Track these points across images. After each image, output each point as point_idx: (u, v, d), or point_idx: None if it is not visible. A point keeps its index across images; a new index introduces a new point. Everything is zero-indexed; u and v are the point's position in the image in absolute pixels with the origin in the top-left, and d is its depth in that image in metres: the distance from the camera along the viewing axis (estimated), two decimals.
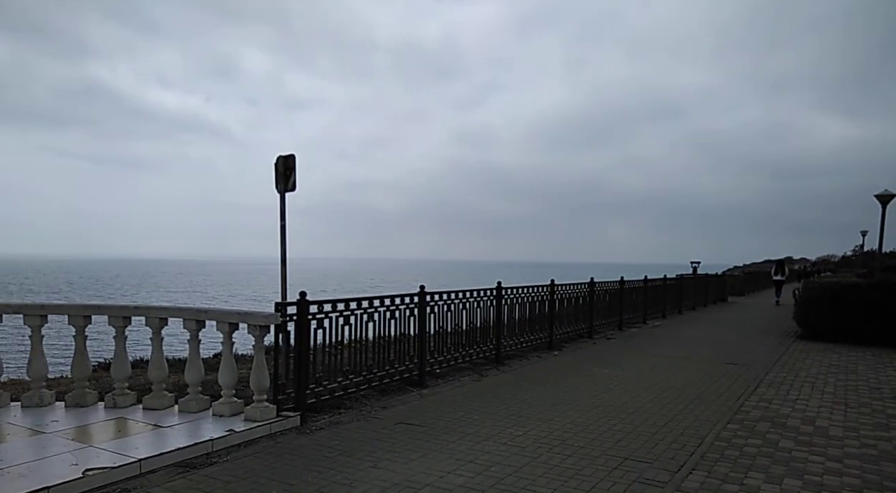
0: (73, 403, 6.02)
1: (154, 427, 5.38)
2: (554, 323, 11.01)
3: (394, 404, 6.66)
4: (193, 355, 5.95)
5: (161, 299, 47.77)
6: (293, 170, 7.09)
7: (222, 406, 5.72)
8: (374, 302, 6.89)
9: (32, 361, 6.05)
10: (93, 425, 5.46)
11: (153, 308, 6.13)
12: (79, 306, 6.24)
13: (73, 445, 4.85)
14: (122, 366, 6.10)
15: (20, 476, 4.13)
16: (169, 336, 6.19)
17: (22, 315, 6.08)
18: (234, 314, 5.79)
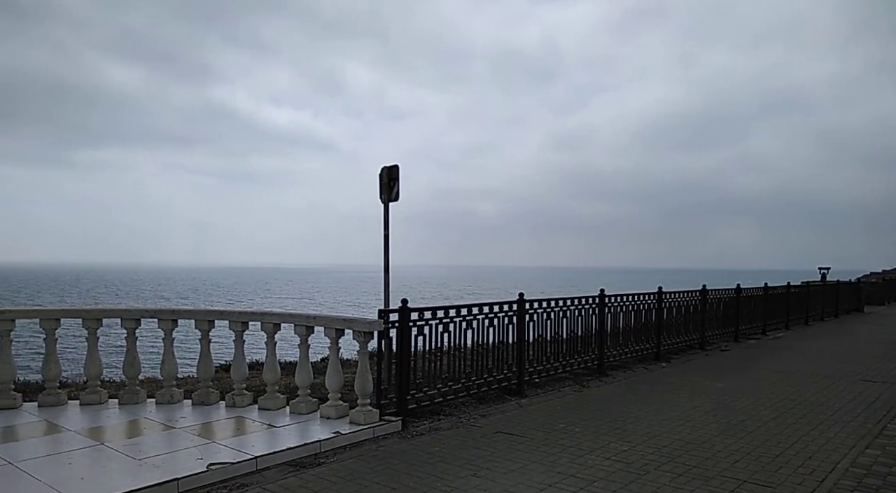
0: (199, 401, 6.54)
1: (268, 427, 5.72)
2: (661, 333, 10.48)
3: (492, 412, 6.63)
4: (303, 360, 6.27)
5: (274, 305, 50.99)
6: (397, 180, 7.29)
7: (329, 409, 5.98)
8: (472, 309, 6.91)
9: (165, 362, 6.66)
10: (215, 422, 5.90)
11: (267, 314, 6.54)
12: (204, 311, 6.80)
13: (198, 440, 5.27)
14: (241, 368, 6.55)
15: (155, 467, 4.54)
16: (281, 341, 6.57)
17: (156, 320, 6.71)
18: (340, 321, 6.04)
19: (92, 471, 4.49)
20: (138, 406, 6.46)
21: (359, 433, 5.54)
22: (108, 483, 4.21)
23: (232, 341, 6.60)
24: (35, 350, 11.62)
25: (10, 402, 6.28)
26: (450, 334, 6.62)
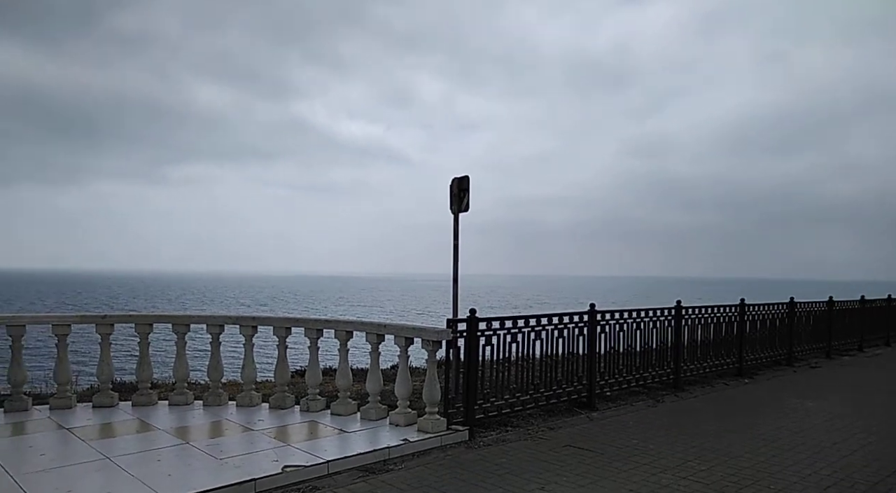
0: (275, 405, 6.82)
1: (340, 432, 5.87)
2: (744, 347, 9.92)
3: (561, 425, 6.50)
4: (374, 367, 6.41)
5: (346, 313, 52.39)
6: (467, 191, 7.35)
7: (398, 416, 6.07)
8: (541, 320, 6.83)
9: (245, 366, 6.99)
10: (290, 426, 6.13)
11: (341, 322, 6.74)
12: (281, 318, 7.10)
13: (274, 442, 5.49)
14: (315, 374, 6.77)
15: (235, 467, 4.76)
16: (352, 348, 6.74)
17: (238, 326, 7.06)
18: (409, 329, 6.13)
19: (178, 468, 4.77)
20: (220, 408, 6.81)
21: (426, 442, 5.59)
22: (192, 481, 4.46)
23: (307, 348, 6.84)
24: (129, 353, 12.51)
25: (108, 400, 6.78)
26: (518, 345, 6.56)
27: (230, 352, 7.26)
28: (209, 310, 55.00)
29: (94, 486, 4.36)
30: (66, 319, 6.84)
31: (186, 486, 4.33)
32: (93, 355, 12.96)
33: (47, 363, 11.37)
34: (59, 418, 6.25)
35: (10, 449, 5.14)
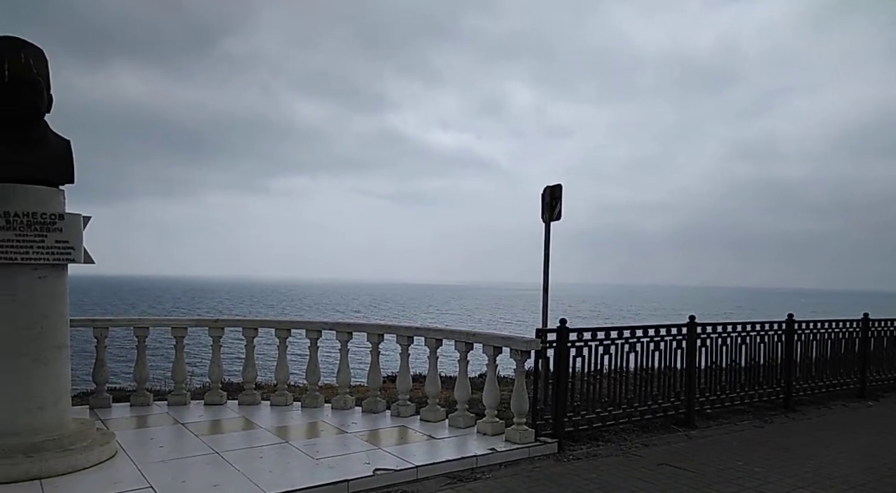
0: (368, 409, 7.03)
1: (428, 438, 5.96)
2: (868, 366, 9.02)
3: (656, 442, 6.21)
4: (462, 375, 6.45)
5: (435, 321, 53.09)
6: (559, 199, 7.26)
7: (486, 425, 6.06)
8: (636, 332, 6.58)
9: (340, 371, 7.28)
10: (381, 430, 6.29)
11: (431, 330, 6.85)
12: (374, 325, 7.33)
13: (366, 445, 5.66)
14: (405, 380, 6.93)
15: (329, 468, 4.96)
16: (441, 356, 6.83)
17: (334, 332, 7.36)
18: (498, 338, 6.12)
19: (278, 466, 5.03)
20: (317, 410, 7.12)
21: (514, 452, 5.54)
22: (290, 479, 4.69)
23: (398, 354, 7.02)
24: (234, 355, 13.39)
25: (217, 399, 7.30)
26: (611, 357, 6.36)
27: (325, 356, 7.58)
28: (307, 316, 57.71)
29: (204, 478, 4.69)
30: (183, 322, 7.45)
31: (285, 483, 4.56)
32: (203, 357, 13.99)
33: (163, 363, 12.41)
34: (176, 413, 6.80)
35: (134, 441, 5.65)
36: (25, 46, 4.71)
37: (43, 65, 4.84)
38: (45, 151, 4.90)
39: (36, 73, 4.72)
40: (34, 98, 4.72)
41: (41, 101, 4.80)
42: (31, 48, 4.75)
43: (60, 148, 5.02)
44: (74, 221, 5.01)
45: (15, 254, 4.70)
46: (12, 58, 4.60)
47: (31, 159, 4.80)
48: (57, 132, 5.06)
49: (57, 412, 4.95)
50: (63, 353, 5.05)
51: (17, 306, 4.75)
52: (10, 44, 4.65)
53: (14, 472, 4.47)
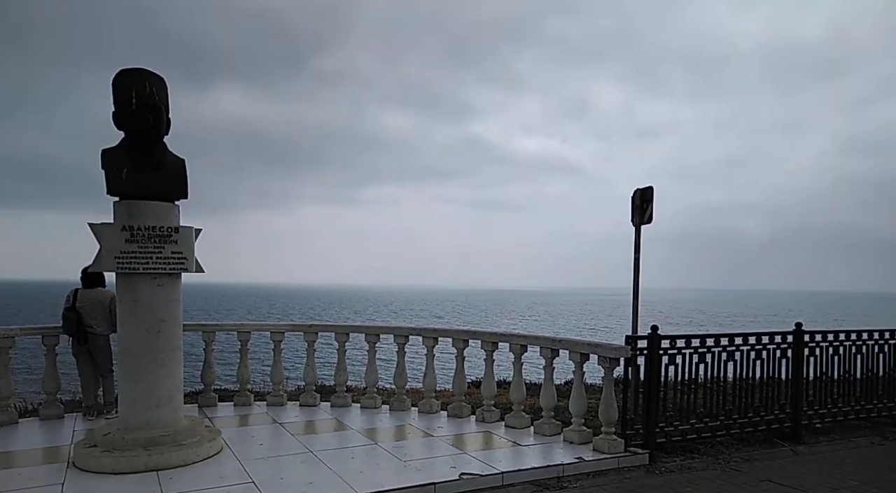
0: (453, 413, 7.11)
1: (513, 445, 5.93)
2: None
3: (758, 457, 5.83)
4: (548, 382, 6.38)
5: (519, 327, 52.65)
6: (650, 202, 7.04)
7: (572, 433, 5.95)
8: (735, 339, 6.24)
9: (427, 375, 7.41)
10: (466, 435, 6.34)
11: (515, 336, 6.83)
12: (459, 331, 7.40)
13: (452, 450, 5.73)
14: (490, 385, 6.94)
15: (416, 470, 5.07)
16: (525, 362, 6.79)
17: (421, 337, 7.52)
18: (584, 345, 6.00)
19: (368, 466, 5.20)
20: (404, 413, 7.29)
21: (602, 462, 5.40)
22: (380, 479, 4.84)
23: (482, 360, 7.05)
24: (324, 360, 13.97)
25: (311, 400, 7.65)
26: (706, 366, 6.06)
27: (411, 361, 7.75)
28: (393, 321, 59.06)
29: (300, 476, 4.93)
30: (280, 327, 7.89)
31: (375, 484, 4.71)
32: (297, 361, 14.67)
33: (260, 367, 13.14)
34: (274, 413, 7.20)
35: (237, 438, 6.04)
36: (149, 76, 5.21)
37: (164, 91, 5.33)
38: (164, 169, 5.39)
39: (158, 99, 5.21)
40: (156, 122, 5.21)
41: (162, 125, 5.29)
42: (154, 77, 5.25)
43: (177, 167, 5.50)
44: (188, 234, 5.46)
45: (137, 264, 5.20)
46: (138, 87, 5.10)
47: (152, 178, 5.30)
48: (173, 152, 5.54)
49: (171, 409, 5.40)
50: (177, 355, 5.51)
51: (138, 311, 5.25)
52: (137, 74, 5.16)
53: (135, 463, 4.91)
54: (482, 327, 10.36)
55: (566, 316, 78.11)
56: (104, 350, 6.89)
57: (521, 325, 59.73)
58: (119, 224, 5.18)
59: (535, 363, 7.28)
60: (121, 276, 5.26)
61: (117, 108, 5.14)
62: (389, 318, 69.52)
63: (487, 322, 63.59)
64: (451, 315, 77.70)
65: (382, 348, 7.81)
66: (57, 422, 6.63)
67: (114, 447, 5.03)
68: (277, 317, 62.68)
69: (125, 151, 5.25)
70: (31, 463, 5.19)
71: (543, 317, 75.96)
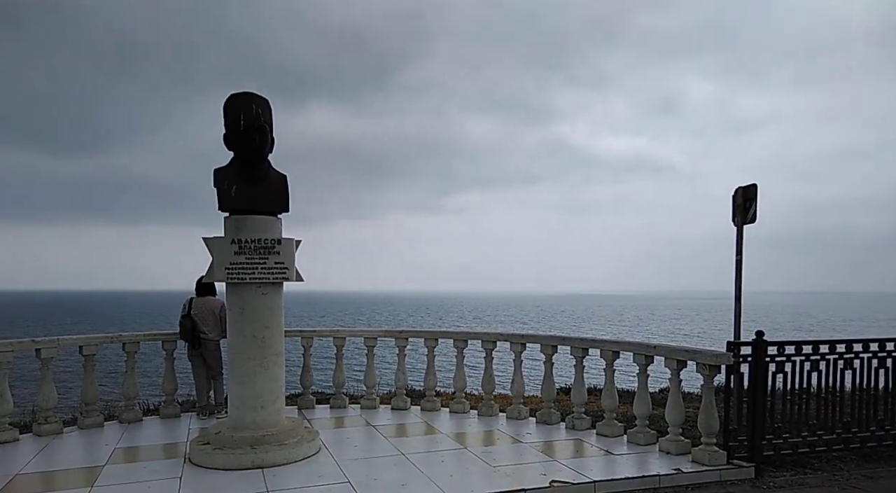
0: (542, 420, 7.03)
1: (605, 453, 5.78)
2: None
3: (883, 474, 5.31)
4: (642, 389, 6.17)
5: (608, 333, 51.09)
6: (754, 200, 6.67)
7: (669, 443, 5.71)
8: (853, 346, 5.76)
9: (514, 381, 7.38)
10: (556, 442, 6.25)
11: (606, 342, 6.66)
12: (547, 336, 7.31)
13: (541, 456, 5.66)
14: (580, 392, 6.81)
15: (506, 476, 5.06)
16: (617, 369, 6.60)
17: (508, 343, 7.50)
18: (682, 351, 5.75)
19: (458, 471, 5.25)
20: (492, 418, 7.30)
21: (702, 474, 5.13)
22: (469, 484, 4.88)
23: (572, 366, 6.93)
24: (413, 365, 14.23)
25: (402, 404, 7.83)
26: (820, 374, 5.62)
27: (498, 366, 7.75)
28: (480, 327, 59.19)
29: (393, 477, 5.07)
30: (373, 332, 8.16)
31: (466, 488, 4.76)
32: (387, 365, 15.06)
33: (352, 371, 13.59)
34: (367, 416, 7.44)
35: (333, 439, 6.30)
36: (255, 98, 5.60)
37: (269, 112, 5.71)
38: (268, 185, 5.76)
39: (263, 120, 5.59)
40: (262, 142, 5.60)
41: (266, 143, 5.67)
42: (260, 99, 5.64)
43: (279, 182, 5.86)
44: (289, 245, 5.79)
45: (245, 274, 5.58)
46: (246, 109, 5.50)
47: (257, 193, 5.69)
48: (276, 168, 5.90)
49: (274, 410, 5.73)
50: (280, 359, 5.85)
51: (245, 318, 5.63)
52: (245, 98, 5.58)
53: (243, 461, 5.25)
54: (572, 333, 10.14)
55: (658, 321, 74.85)
56: (215, 355, 7.45)
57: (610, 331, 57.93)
58: (229, 238, 5.60)
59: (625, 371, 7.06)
60: (230, 285, 5.67)
61: (227, 129, 5.57)
62: (474, 324, 69.74)
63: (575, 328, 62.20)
64: (537, 321, 76.71)
65: (470, 354, 7.87)
66: (174, 421, 7.22)
67: (224, 444, 5.41)
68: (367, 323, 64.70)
69: (234, 169, 5.67)
70: (153, 458, 5.68)
71: (634, 322, 73.25)
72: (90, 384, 6.93)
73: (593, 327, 65.01)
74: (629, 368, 6.48)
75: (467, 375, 7.85)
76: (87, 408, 6.91)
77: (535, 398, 8.66)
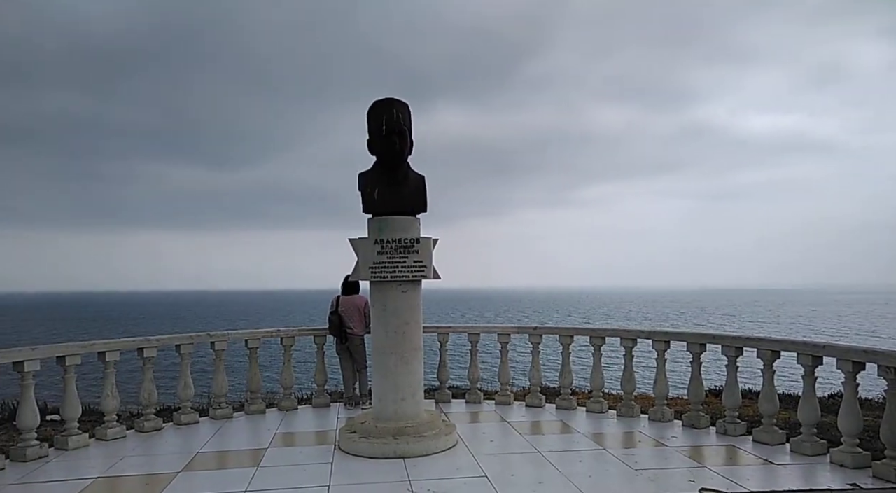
0: (688, 423, 6.58)
1: (764, 462, 5.27)
2: None
3: None
4: (808, 393, 5.54)
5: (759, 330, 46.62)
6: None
7: (843, 455, 5.06)
8: None
9: (657, 381, 6.97)
10: (705, 447, 5.81)
11: (765, 340, 6.06)
12: (696, 334, 6.81)
13: (688, 462, 5.30)
14: (733, 394, 6.26)
15: (649, 480, 4.80)
16: (777, 369, 5.99)
17: (651, 340, 7.13)
18: (858, 352, 5.06)
19: (596, 472, 5.08)
20: (632, 420, 6.98)
21: (886, 492, 4.49)
22: (609, 486, 4.71)
23: (724, 366, 6.42)
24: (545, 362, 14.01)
25: (537, 401, 7.76)
26: None
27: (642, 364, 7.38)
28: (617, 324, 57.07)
29: (529, 474, 5.04)
30: (507, 329, 8.19)
31: (605, 490, 4.60)
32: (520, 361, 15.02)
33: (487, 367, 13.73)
34: (502, 412, 7.48)
35: (469, 433, 6.41)
36: (395, 103, 5.86)
37: (408, 116, 5.94)
38: (408, 186, 5.99)
39: (403, 124, 5.84)
40: (402, 145, 5.84)
41: (406, 146, 5.91)
42: (399, 104, 5.89)
43: (418, 183, 6.06)
44: (427, 244, 5.99)
45: (386, 273, 5.88)
46: (388, 115, 5.78)
47: (397, 195, 5.94)
48: (414, 170, 6.10)
49: (414, 403, 5.96)
50: (419, 354, 6.08)
51: (387, 314, 5.93)
52: (386, 103, 5.86)
53: (386, 450, 5.52)
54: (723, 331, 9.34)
55: (822, 318, 66.91)
56: (360, 349, 7.94)
57: (764, 328, 52.82)
58: (372, 238, 5.92)
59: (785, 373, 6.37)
60: (373, 283, 5.99)
61: (371, 135, 5.88)
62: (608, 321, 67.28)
63: (724, 325, 57.58)
64: (679, 318, 72.12)
65: (606, 352, 7.58)
66: (325, 410, 7.80)
67: (369, 434, 5.73)
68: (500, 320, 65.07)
69: (376, 173, 5.98)
70: (307, 443, 6.18)
71: (791, 320, 66.13)
72: (254, 375, 7.70)
73: (744, 324, 59.74)
74: (788, 370, 5.84)
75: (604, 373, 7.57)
76: (251, 396, 7.69)
77: (679, 400, 8.14)
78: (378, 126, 5.74)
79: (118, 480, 5.03)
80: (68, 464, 5.45)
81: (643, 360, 8.28)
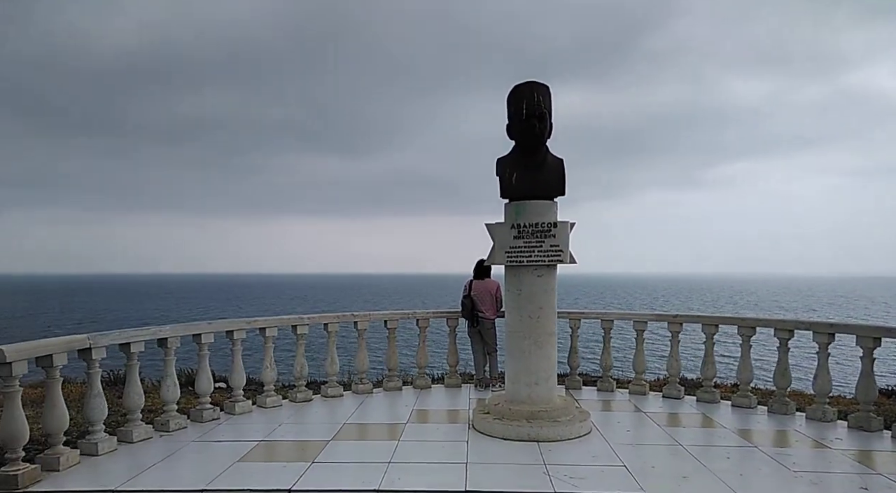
0: (856, 424, 5.95)
1: None
2: None
3: None
4: None
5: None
6: None
7: None
8: None
9: (818, 376, 6.37)
10: (877, 452, 5.23)
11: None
12: (870, 326, 6.08)
13: (858, 467, 4.80)
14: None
15: (811, 483, 4.41)
16: None
17: (811, 332, 6.46)
18: None
19: (747, 470, 4.76)
20: (786, 417, 6.44)
21: None
22: (765, 486, 4.38)
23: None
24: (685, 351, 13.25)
25: (675, 392, 7.42)
26: None
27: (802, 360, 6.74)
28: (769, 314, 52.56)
29: (672, 467, 4.83)
30: (644, 316, 7.90)
31: (760, 490, 4.29)
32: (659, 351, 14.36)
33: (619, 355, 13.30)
34: (636, 401, 7.24)
35: (602, 421, 6.29)
36: (536, 86, 5.82)
37: (548, 98, 5.86)
38: (546, 170, 5.92)
39: (544, 107, 5.78)
40: (542, 129, 5.79)
41: (546, 129, 5.85)
42: (540, 86, 5.84)
43: (557, 166, 5.96)
44: (564, 228, 5.91)
45: (522, 257, 5.91)
46: (528, 98, 5.76)
47: (535, 179, 5.90)
48: (553, 153, 6.00)
49: (547, 387, 5.96)
50: (552, 339, 6.04)
51: (521, 298, 5.95)
52: (527, 86, 5.83)
53: (520, 432, 5.58)
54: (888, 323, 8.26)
55: None
56: (491, 332, 8.07)
57: None
58: (508, 223, 5.96)
59: None
60: (508, 268, 6.03)
61: (510, 120, 5.89)
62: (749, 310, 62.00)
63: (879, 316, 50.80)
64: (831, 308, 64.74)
65: (758, 344, 7.01)
66: (456, 390, 8.04)
67: (502, 415, 5.82)
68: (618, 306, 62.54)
69: (514, 157, 5.98)
70: (442, 421, 6.41)
71: None
72: (392, 353, 8.12)
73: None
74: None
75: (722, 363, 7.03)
76: (389, 373, 8.13)
77: (843, 399, 7.37)
78: (518, 109, 5.72)
79: (278, 444, 5.57)
80: (236, 427, 6.14)
81: (798, 352, 7.56)
